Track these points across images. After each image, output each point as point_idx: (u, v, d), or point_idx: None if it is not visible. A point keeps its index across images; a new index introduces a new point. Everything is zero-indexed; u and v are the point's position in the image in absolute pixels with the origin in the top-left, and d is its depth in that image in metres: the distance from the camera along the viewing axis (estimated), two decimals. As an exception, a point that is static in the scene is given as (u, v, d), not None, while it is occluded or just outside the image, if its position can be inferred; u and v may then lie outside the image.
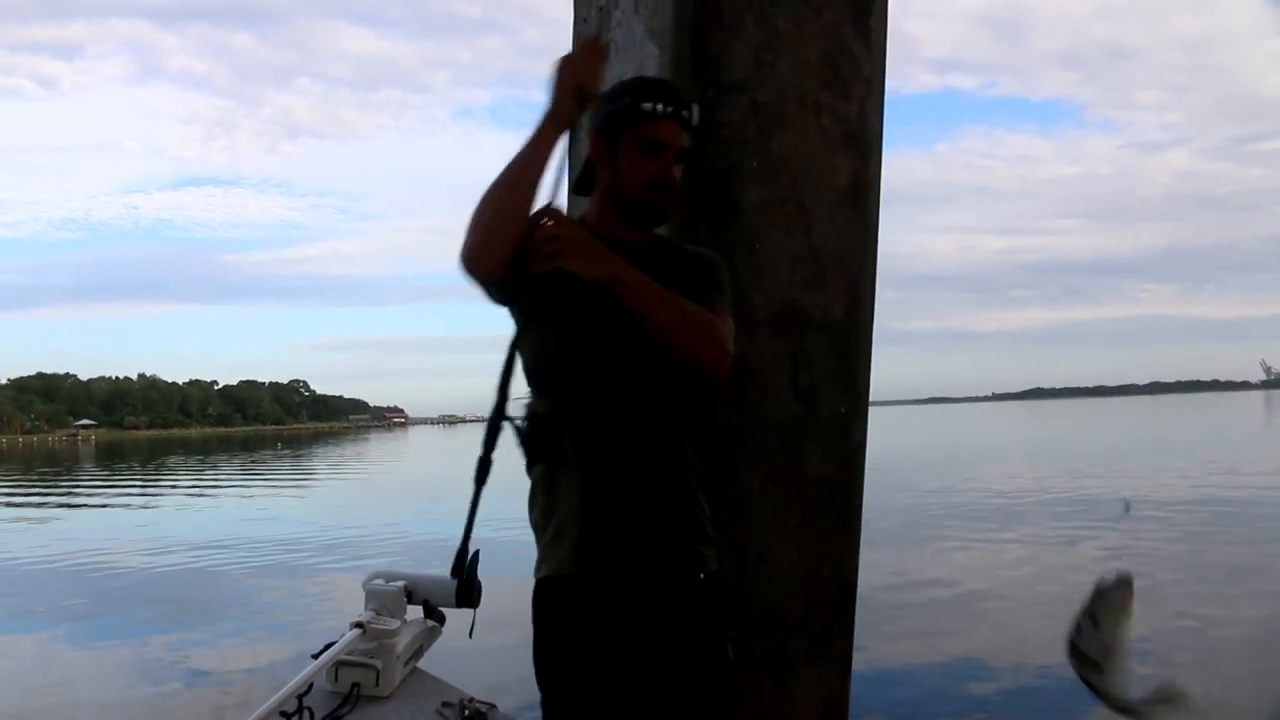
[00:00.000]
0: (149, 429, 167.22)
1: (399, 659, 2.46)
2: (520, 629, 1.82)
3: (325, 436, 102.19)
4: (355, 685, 2.39)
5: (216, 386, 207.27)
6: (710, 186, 2.39)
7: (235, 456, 46.60)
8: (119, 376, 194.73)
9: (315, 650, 2.40)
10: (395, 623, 2.49)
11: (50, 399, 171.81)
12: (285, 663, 5.75)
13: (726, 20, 2.39)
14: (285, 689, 2.17)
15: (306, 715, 2.23)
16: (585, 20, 2.79)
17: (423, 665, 2.60)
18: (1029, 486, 17.32)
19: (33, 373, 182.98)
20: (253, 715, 2.08)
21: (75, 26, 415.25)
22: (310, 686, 2.26)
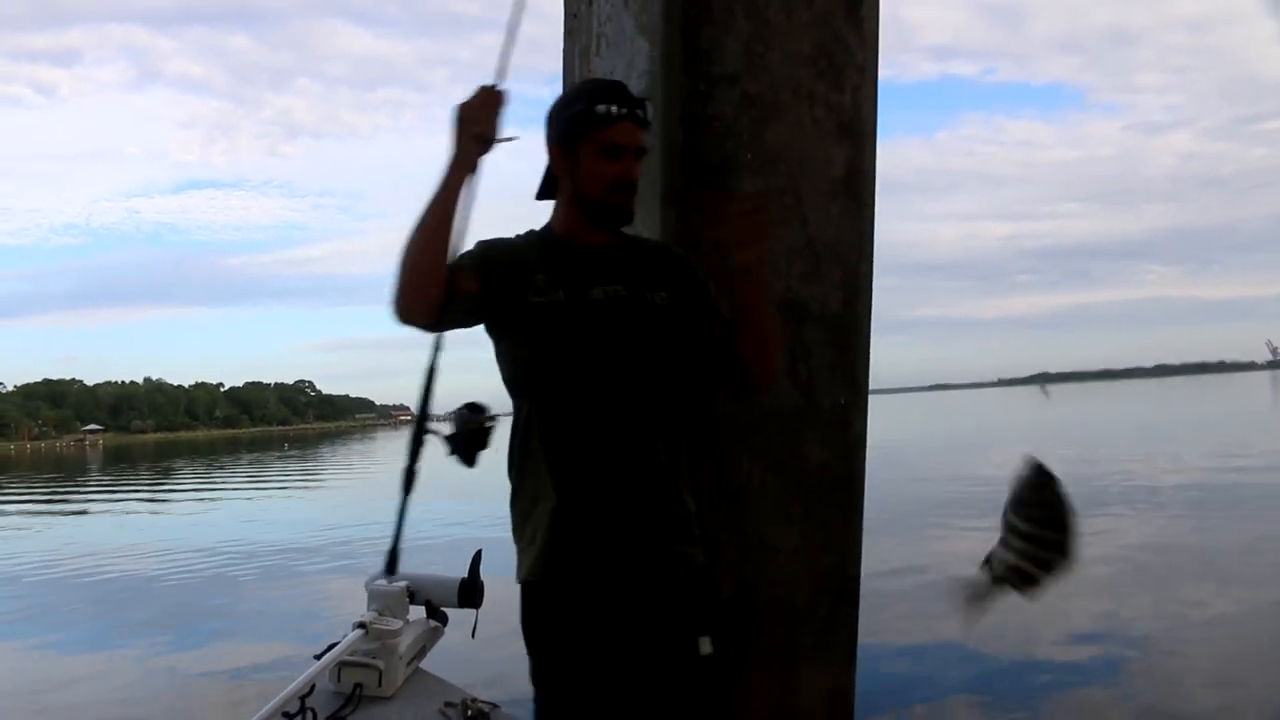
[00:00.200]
0: (156, 432, 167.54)
1: (401, 659, 2.46)
2: (523, 629, 1.83)
3: (332, 436, 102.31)
4: (358, 686, 2.39)
5: (222, 389, 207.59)
6: (704, 180, 2.38)
7: (240, 459, 46.67)
8: (125, 381, 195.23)
9: (318, 651, 2.41)
10: (398, 623, 2.49)
11: (57, 405, 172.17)
12: (288, 663, 5.75)
13: (716, 13, 2.38)
14: (288, 689, 2.18)
15: (309, 716, 2.24)
16: (575, 15, 2.78)
17: (425, 665, 2.61)
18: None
19: (39, 379, 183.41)
20: (255, 716, 2.08)
21: (73, 33, 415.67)
22: (313, 687, 2.27)
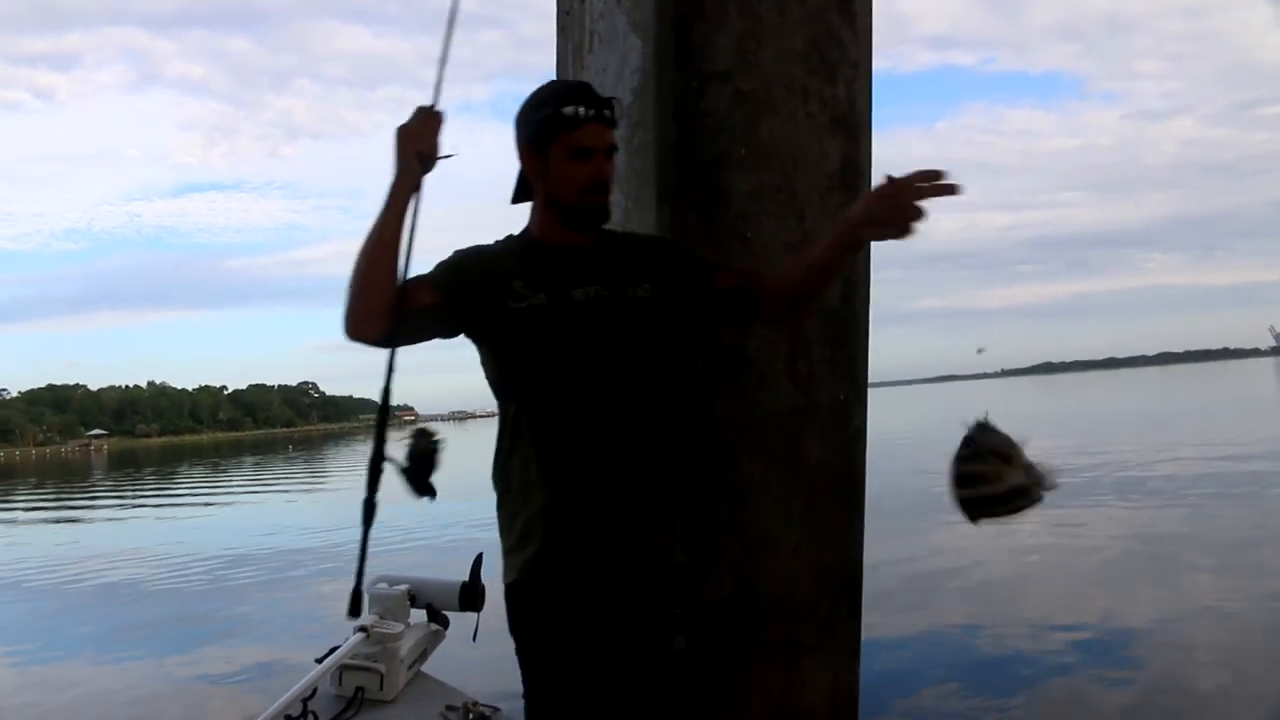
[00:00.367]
0: (160, 436, 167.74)
1: (403, 663, 2.46)
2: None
3: (335, 438, 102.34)
4: (359, 689, 2.39)
5: (226, 391, 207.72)
6: (699, 176, 2.37)
7: (244, 463, 46.69)
8: (129, 385, 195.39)
9: (319, 654, 2.41)
10: (399, 626, 2.49)
11: (61, 410, 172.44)
12: (289, 667, 5.76)
13: (709, 10, 2.36)
14: (290, 693, 2.18)
15: (311, 719, 2.24)
16: (568, 13, 2.77)
17: (426, 669, 2.61)
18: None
19: (43, 384, 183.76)
20: (258, 719, 2.08)
21: (71, 37, 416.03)
22: (314, 691, 2.28)
